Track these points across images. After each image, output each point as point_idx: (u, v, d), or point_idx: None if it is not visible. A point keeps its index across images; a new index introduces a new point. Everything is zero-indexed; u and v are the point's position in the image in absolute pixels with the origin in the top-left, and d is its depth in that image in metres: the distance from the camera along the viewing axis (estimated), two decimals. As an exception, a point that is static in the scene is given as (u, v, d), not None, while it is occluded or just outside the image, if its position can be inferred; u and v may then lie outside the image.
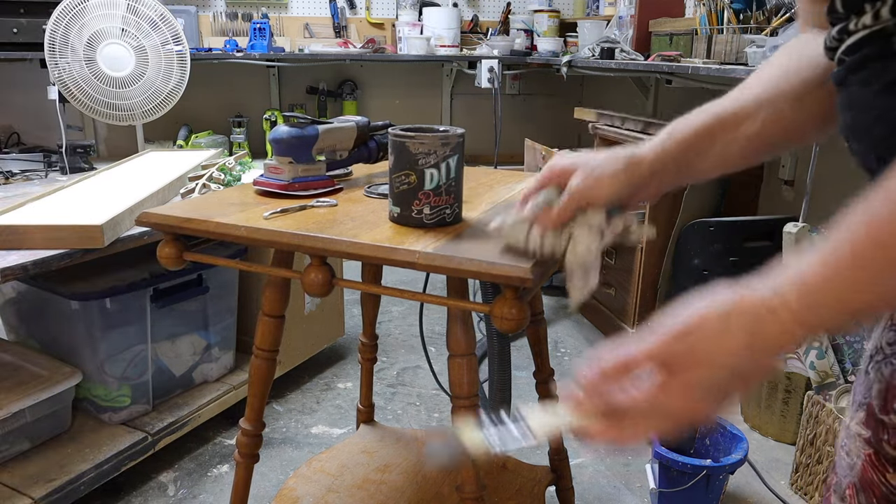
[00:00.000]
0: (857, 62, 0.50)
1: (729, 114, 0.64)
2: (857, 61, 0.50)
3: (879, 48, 0.48)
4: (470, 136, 1.01)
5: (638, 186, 0.67)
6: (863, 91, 0.49)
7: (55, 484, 1.45)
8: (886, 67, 0.47)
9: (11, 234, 1.31)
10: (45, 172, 2.17)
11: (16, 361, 1.61)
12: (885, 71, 0.47)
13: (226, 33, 3.28)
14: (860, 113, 0.50)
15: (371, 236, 0.82)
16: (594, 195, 0.67)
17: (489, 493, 1.29)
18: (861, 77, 0.50)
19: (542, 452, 1.83)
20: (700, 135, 0.65)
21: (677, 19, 2.51)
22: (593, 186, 0.66)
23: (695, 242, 2.23)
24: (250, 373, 1.07)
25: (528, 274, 0.72)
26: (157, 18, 2.17)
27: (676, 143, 0.65)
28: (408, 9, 3.41)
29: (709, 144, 0.64)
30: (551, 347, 2.53)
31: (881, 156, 0.49)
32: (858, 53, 0.50)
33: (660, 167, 0.66)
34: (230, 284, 1.92)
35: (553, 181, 0.69)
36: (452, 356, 0.88)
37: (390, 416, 2.04)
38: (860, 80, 0.50)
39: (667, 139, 0.66)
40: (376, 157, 1.19)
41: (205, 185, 1.69)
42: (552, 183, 0.70)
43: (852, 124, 0.52)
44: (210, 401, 1.83)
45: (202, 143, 3.00)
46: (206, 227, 0.89)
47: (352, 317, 2.68)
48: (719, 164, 0.66)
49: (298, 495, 1.26)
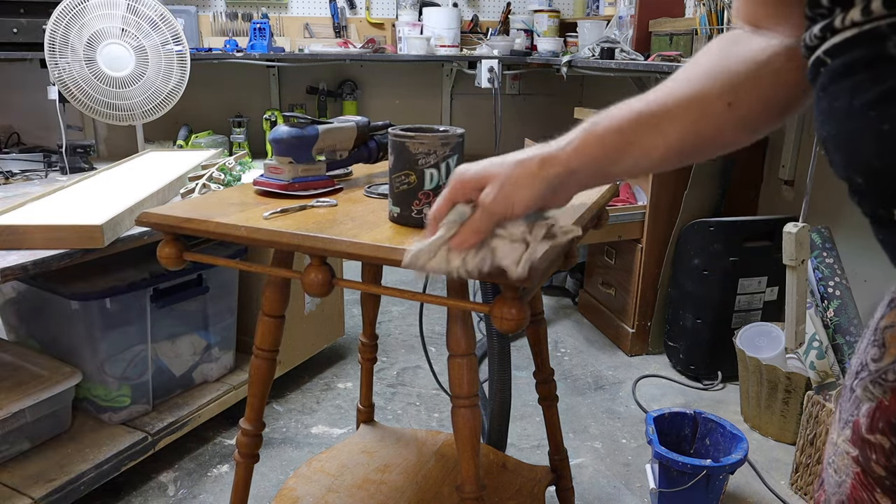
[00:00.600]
0: (843, 67, 0.45)
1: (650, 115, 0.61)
2: (844, 65, 0.45)
3: (870, 52, 0.43)
4: (470, 136, 1.01)
5: (555, 187, 0.63)
6: (850, 100, 0.45)
7: (55, 484, 1.45)
8: (878, 75, 0.43)
9: (11, 234, 1.31)
10: (45, 172, 2.17)
11: (16, 361, 1.61)
12: (877, 80, 0.43)
13: (226, 33, 3.28)
14: (846, 124, 0.46)
15: (371, 236, 0.82)
16: (510, 205, 0.63)
17: (489, 493, 1.29)
18: (848, 85, 0.45)
19: (543, 452, 1.83)
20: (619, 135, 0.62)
21: (677, 19, 2.51)
22: (508, 196, 0.62)
23: (695, 242, 2.23)
24: (250, 373, 1.07)
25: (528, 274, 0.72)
26: (157, 18, 2.17)
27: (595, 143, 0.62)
28: (408, 9, 3.41)
29: (627, 147, 0.61)
30: (551, 347, 2.53)
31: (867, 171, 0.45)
32: (845, 56, 0.45)
33: (576, 166, 0.62)
34: (230, 284, 1.92)
35: (463, 195, 0.65)
36: (452, 356, 0.88)
37: (390, 416, 2.04)
38: (848, 88, 0.45)
39: (585, 137, 0.62)
40: (376, 157, 1.19)
41: (205, 185, 1.69)
42: (462, 198, 0.65)
43: (836, 136, 0.47)
44: (210, 401, 1.83)
45: (202, 143, 2.99)
46: (206, 227, 0.89)
47: (352, 317, 2.68)
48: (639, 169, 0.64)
49: (298, 495, 1.26)
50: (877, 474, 0.53)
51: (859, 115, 0.44)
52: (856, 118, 0.45)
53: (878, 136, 0.43)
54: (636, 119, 0.61)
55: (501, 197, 0.62)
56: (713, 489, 1.54)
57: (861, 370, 0.56)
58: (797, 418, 1.86)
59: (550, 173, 0.62)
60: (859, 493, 0.54)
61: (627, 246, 2.43)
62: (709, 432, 1.67)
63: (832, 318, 1.85)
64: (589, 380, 2.28)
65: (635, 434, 1.97)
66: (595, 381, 2.27)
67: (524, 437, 1.94)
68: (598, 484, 1.75)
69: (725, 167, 2.33)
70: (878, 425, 0.52)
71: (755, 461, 1.82)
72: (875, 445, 0.52)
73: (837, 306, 1.85)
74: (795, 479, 1.73)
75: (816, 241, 1.91)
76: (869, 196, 0.47)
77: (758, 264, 2.21)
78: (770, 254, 2.19)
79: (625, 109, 0.62)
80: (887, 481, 0.52)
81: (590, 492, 1.71)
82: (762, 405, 1.95)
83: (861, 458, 0.54)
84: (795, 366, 1.92)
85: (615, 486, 1.74)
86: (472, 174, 0.64)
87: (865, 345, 0.56)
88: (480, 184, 0.63)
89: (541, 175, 0.62)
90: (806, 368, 1.88)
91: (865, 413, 0.54)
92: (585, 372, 2.34)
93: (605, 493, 1.71)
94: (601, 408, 2.11)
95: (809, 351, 1.86)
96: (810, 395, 1.69)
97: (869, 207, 0.47)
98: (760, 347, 2.01)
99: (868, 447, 0.53)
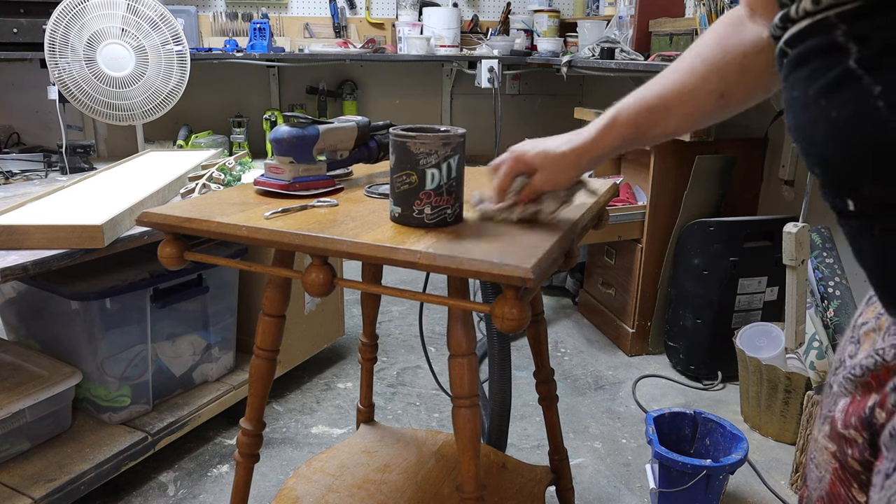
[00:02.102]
0: (799, 57, 0.46)
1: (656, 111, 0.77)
2: (799, 56, 0.46)
3: (822, 41, 0.44)
4: (470, 136, 1.02)
5: (587, 168, 0.87)
6: (805, 89, 0.46)
7: (55, 484, 1.45)
8: (828, 63, 0.43)
9: (11, 234, 1.31)
10: (45, 172, 2.17)
11: (16, 361, 1.61)
12: (827, 67, 0.43)
13: (226, 33, 3.28)
14: (803, 114, 0.47)
15: (372, 236, 0.82)
16: (554, 185, 0.89)
17: (489, 493, 1.29)
18: (803, 73, 0.46)
19: (543, 452, 1.83)
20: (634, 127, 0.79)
21: (677, 19, 2.51)
22: (552, 180, 0.87)
23: (695, 242, 2.23)
24: (250, 373, 1.07)
25: (529, 274, 0.72)
26: (157, 18, 2.17)
27: (617, 135, 0.80)
28: (408, 9, 3.41)
29: (639, 136, 0.80)
30: (551, 347, 2.53)
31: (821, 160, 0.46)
32: (801, 47, 0.46)
33: (601, 155, 0.83)
34: (230, 284, 1.92)
35: (518, 171, 0.88)
36: (452, 356, 0.88)
37: (390, 416, 2.04)
38: (803, 76, 0.46)
39: (608, 130, 0.81)
40: (377, 157, 1.19)
41: (205, 185, 1.69)
42: (518, 173, 0.89)
43: (795, 125, 0.48)
44: (210, 401, 1.83)
45: (202, 143, 2.99)
46: (207, 227, 0.89)
47: (352, 317, 2.68)
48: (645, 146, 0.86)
49: (298, 495, 1.26)
50: (853, 469, 0.53)
51: (813, 104, 0.45)
52: (810, 107, 0.45)
53: (828, 124, 0.44)
54: (646, 114, 0.77)
55: (548, 180, 0.87)
56: (713, 489, 1.54)
57: (839, 367, 0.57)
58: (797, 418, 1.86)
59: (583, 161, 0.84)
60: (837, 489, 0.55)
61: (627, 246, 2.43)
62: (709, 432, 1.67)
63: (832, 318, 1.85)
64: (589, 380, 2.29)
65: (635, 434, 1.97)
66: (595, 381, 2.27)
67: (524, 437, 1.94)
68: (598, 484, 1.75)
69: (725, 167, 2.33)
70: (852, 420, 0.53)
71: (755, 461, 1.82)
72: (850, 440, 0.53)
73: (837, 306, 1.85)
74: (795, 479, 1.73)
75: (816, 241, 1.91)
76: (827, 186, 0.47)
77: (758, 264, 2.21)
78: (770, 254, 2.19)
79: (638, 103, 0.78)
80: (863, 476, 0.52)
81: (590, 492, 1.71)
82: (762, 405, 1.95)
83: (839, 454, 0.54)
84: (795, 366, 1.92)
85: (615, 486, 1.74)
86: (529, 158, 0.87)
87: (844, 342, 0.57)
88: (531, 166, 0.87)
89: (577, 164, 0.85)
90: (806, 368, 1.88)
91: (841, 408, 0.54)
92: (585, 372, 2.34)
93: (605, 493, 1.71)
94: (601, 408, 2.11)
95: (809, 351, 1.86)
96: (810, 395, 1.69)
97: (829, 198, 0.48)
98: (760, 347, 2.01)
99: (844, 442, 0.54)
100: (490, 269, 0.74)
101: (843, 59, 0.42)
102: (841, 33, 0.42)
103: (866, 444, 0.51)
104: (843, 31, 0.42)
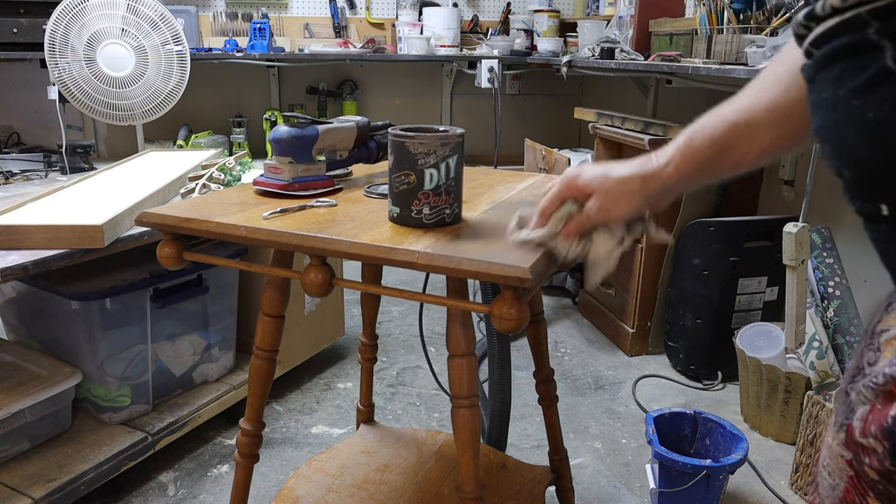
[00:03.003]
0: (827, 56, 0.44)
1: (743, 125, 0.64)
2: (827, 55, 0.44)
3: (852, 39, 0.42)
4: (470, 136, 1.02)
5: (653, 200, 0.71)
6: (835, 90, 0.44)
7: (55, 484, 1.45)
8: (861, 63, 0.42)
9: (11, 234, 1.31)
10: (45, 172, 2.17)
11: (16, 361, 1.61)
12: (861, 67, 0.42)
13: (226, 33, 3.28)
14: (832, 115, 0.45)
15: (371, 236, 0.82)
16: (608, 217, 0.73)
17: (489, 493, 1.29)
18: (832, 74, 0.44)
19: (543, 452, 1.83)
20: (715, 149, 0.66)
21: (677, 19, 2.51)
22: (607, 209, 0.72)
23: (695, 242, 2.23)
24: (250, 373, 1.07)
25: (528, 274, 0.72)
26: (157, 18, 2.17)
27: (692, 159, 0.67)
28: (408, 9, 3.41)
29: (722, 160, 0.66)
30: (551, 347, 2.53)
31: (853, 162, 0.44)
32: (829, 46, 0.44)
33: (673, 184, 0.69)
34: (230, 284, 1.92)
35: (569, 196, 0.75)
36: (452, 356, 0.88)
37: (390, 416, 2.04)
38: (832, 77, 0.44)
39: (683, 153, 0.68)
40: (376, 157, 1.19)
41: (205, 185, 1.69)
42: (568, 198, 0.75)
43: (824, 127, 0.46)
44: (210, 401, 1.83)
45: (202, 143, 3.00)
46: (206, 227, 0.89)
47: (352, 317, 2.68)
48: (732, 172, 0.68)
49: (298, 495, 1.26)
50: (870, 478, 0.52)
51: (844, 104, 0.43)
52: (841, 108, 0.44)
53: (862, 125, 0.42)
54: (730, 130, 0.65)
55: (602, 210, 0.72)
56: (713, 489, 1.54)
57: (857, 374, 0.55)
58: (797, 418, 1.86)
59: (650, 189, 0.70)
60: (852, 497, 0.54)
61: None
62: (709, 432, 1.67)
63: (832, 318, 1.85)
64: (589, 380, 2.28)
65: (635, 434, 1.97)
66: (595, 381, 2.27)
67: (524, 437, 1.94)
68: (598, 484, 1.75)
69: (725, 167, 2.33)
70: (871, 429, 0.51)
71: (755, 461, 1.82)
72: (868, 449, 0.52)
73: (837, 306, 1.85)
74: (795, 479, 1.73)
75: (816, 241, 1.91)
76: (856, 190, 0.46)
77: (758, 264, 2.21)
78: (770, 254, 2.19)
79: (718, 119, 0.66)
80: (880, 486, 0.51)
81: (590, 492, 1.71)
82: (762, 405, 1.95)
83: (855, 462, 0.53)
84: (795, 366, 1.92)
85: (615, 486, 1.74)
86: (581, 182, 0.73)
87: (862, 348, 0.56)
88: (585, 191, 0.73)
89: (641, 192, 0.70)
90: (806, 368, 1.88)
91: (860, 417, 0.53)
92: (585, 372, 2.34)
93: (605, 493, 1.71)
94: (601, 408, 2.11)
95: (809, 351, 1.86)
96: (810, 395, 1.69)
97: (858, 202, 0.46)
98: (760, 347, 2.01)
99: (862, 451, 0.52)
100: (488, 269, 0.74)
101: (878, 57, 0.40)
102: (874, 31, 0.41)
103: (887, 454, 0.50)
104: (875, 29, 0.40)
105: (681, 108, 2.90)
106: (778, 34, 1.94)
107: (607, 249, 0.75)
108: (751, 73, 1.79)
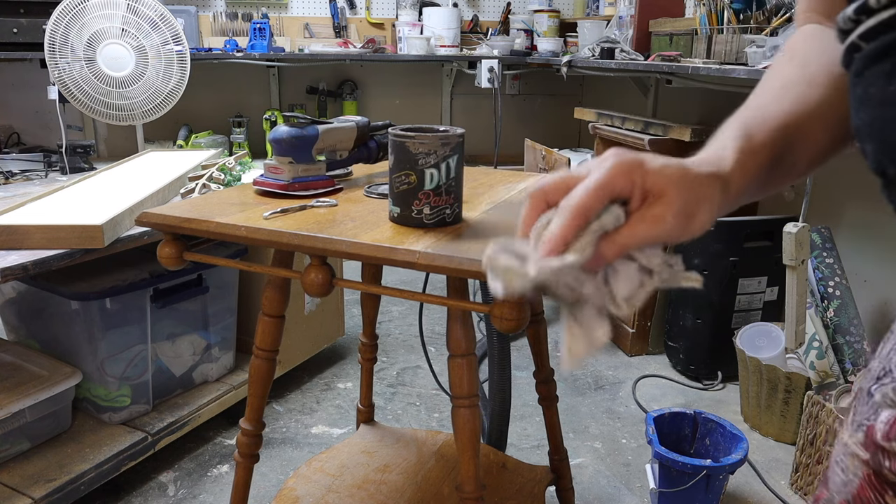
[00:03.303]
0: (879, 50, 0.42)
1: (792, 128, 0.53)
2: (879, 49, 0.42)
3: None
4: (470, 136, 1.01)
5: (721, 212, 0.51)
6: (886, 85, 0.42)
7: (55, 484, 1.45)
8: None
9: (11, 234, 1.31)
10: (45, 172, 2.17)
11: (16, 361, 1.61)
12: None
13: (226, 33, 3.28)
14: (880, 111, 0.42)
15: (371, 236, 0.82)
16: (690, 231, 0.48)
17: (489, 493, 1.29)
18: (884, 68, 0.42)
19: (543, 452, 1.83)
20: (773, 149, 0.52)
21: (677, 19, 2.51)
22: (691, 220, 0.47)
23: (695, 242, 2.23)
24: (250, 373, 1.07)
25: (528, 274, 0.72)
26: (157, 18, 2.17)
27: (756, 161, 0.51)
28: (408, 9, 3.41)
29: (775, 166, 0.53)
30: (551, 347, 2.52)
31: None
32: (881, 39, 0.42)
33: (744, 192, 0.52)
34: (230, 284, 1.92)
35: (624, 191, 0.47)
36: (452, 356, 0.88)
37: (390, 416, 2.04)
38: (884, 71, 0.42)
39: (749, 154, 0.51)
40: (376, 157, 1.19)
41: (205, 185, 1.69)
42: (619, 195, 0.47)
43: (870, 123, 0.44)
44: (210, 401, 1.83)
45: (202, 143, 3.00)
46: (206, 227, 0.89)
47: (352, 317, 2.68)
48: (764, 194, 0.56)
49: (298, 495, 1.26)
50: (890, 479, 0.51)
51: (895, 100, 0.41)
52: (892, 104, 0.42)
53: None
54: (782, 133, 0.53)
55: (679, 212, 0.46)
56: (713, 489, 1.54)
57: (884, 376, 0.53)
58: (797, 418, 1.86)
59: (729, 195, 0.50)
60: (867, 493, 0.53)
61: (627, 246, 2.43)
62: (709, 432, 1.67)
63: (832, 318, 1.85)
64: (589, 380, 2.28)
65: (635, 434, 1.97)
66: (595, 381, 2.27)
67: (524, 437, 1.94)
68: (598, 484, 1.75)
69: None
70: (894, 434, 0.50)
71: (755, 461, 1.82)
72: (890, 453, 0.50)
73: (837, 306, 1.85)
74: (795, 479, 1.73)
75: (816, 241, 1.91)
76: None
77: (758, 264, 2.21)
78: (770, 254, 2.19)
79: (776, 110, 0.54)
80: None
81: (590, 492, 1.71)
82: (762, 405, 1.95)
83: (872, 463, 0.52)
84: (795, 366, 1.92)
85: (615, 486, 1.74)
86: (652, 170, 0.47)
87: (888, 350, 0.53)
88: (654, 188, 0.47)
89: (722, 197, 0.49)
90: (806, 368, 1.88)
91: (885, 420, 0.51)
92: (585, 372, 2.34)
93: (605, 493, 1.71)
94: (601, 408, 2.11)
95: (809, 351, 1.86)
96: (810, 395, 1.69)
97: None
98: (760, 347, 2.01)
99: (883, 454, 0.51)
100: (489, 269, 0.73)
101: None
102: None
103: None
104: None
105: (681, 108, 2.90)
106: (778, 34, 1.94)
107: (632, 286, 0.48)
108: (751, 73, 1.79)
